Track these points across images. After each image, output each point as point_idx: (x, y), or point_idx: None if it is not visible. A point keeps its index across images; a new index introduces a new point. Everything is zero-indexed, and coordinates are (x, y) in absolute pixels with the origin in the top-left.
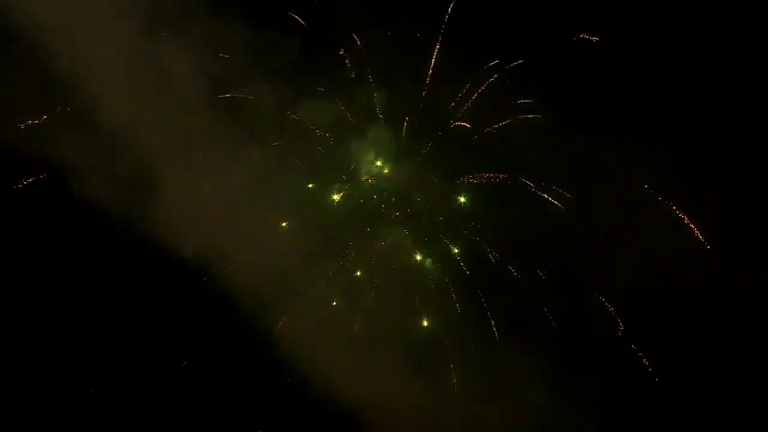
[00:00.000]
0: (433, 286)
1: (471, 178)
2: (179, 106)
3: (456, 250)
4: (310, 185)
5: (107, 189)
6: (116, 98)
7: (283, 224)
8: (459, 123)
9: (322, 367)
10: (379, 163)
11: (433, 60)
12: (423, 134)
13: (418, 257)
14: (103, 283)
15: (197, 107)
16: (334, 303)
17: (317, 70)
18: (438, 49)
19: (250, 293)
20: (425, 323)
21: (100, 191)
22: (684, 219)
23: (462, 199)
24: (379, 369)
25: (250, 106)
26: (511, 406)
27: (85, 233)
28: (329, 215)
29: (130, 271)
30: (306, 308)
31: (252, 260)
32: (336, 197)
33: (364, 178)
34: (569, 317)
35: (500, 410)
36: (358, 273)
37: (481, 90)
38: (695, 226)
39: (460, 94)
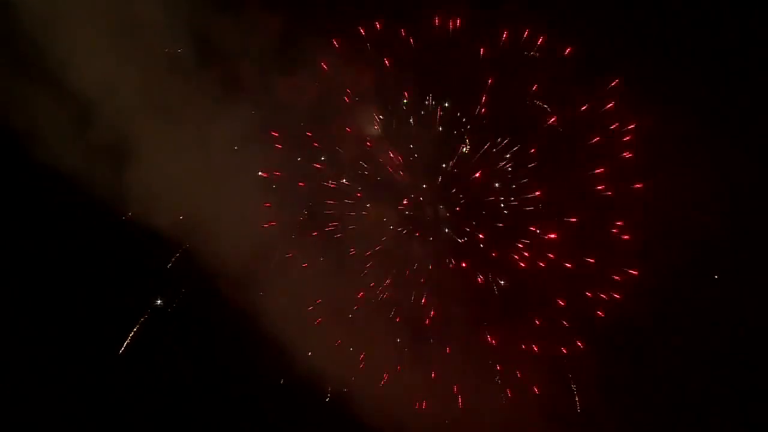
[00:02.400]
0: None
1: None
2: (156, 70)
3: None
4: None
5: (76, 156)
6: (87, 59)
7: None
8: None
9: (306, 345)
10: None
11: None
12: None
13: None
14: (73, 257)
15: (177, 71)
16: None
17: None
18: None
19: (231, 267)
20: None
21: (68, 158)
22: None
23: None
24: (368, 349)
25: (233, 69)
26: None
27: (51, 203)
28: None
29: (101, 243)
30: (289, 284)
31: (233, 233)
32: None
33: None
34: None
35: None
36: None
37: None
38: None
39: None
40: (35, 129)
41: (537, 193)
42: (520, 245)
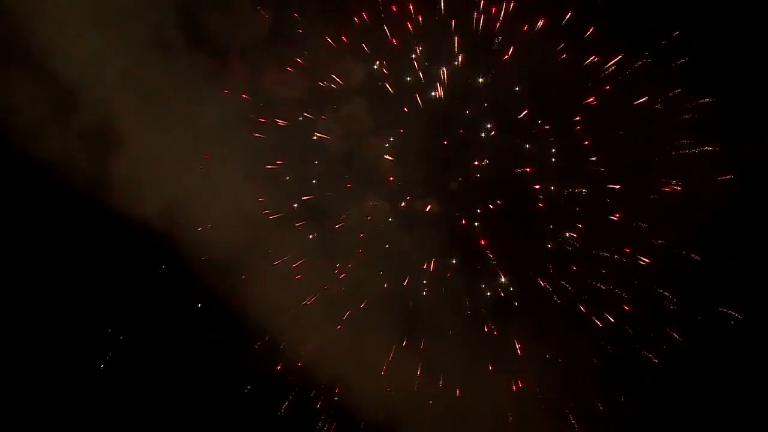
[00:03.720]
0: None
1: None
2: (140, 50)
3: None
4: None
5: (57, 142)
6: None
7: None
8: None
9: (296, 335)
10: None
11: None
12: None
13: None
14: (56, 248)
15: (163, 54)
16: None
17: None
18: None
19: (218, 254)
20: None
21: (48, 144)
22: None
23: None
24: (359, 338)
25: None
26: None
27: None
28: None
29: (85, 233)
30: (279, 272)
31: (220, 218)
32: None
33: None
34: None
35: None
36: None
37: None
38: None
39: None
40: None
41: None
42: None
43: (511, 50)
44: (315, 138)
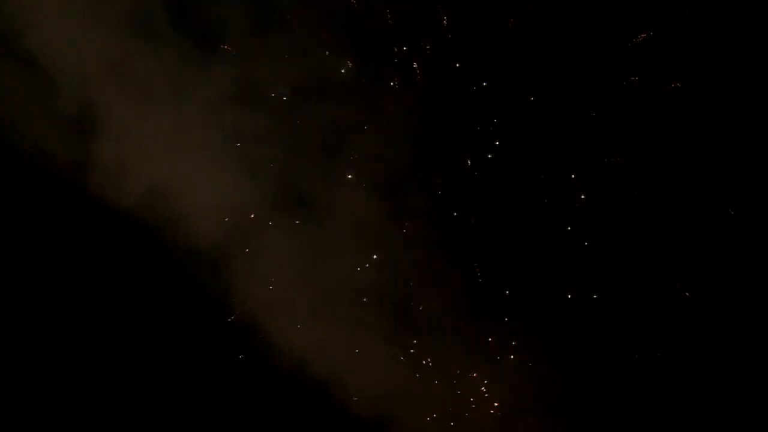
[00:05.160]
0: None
1: None
2: (120, 29)
3: None
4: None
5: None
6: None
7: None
8: None
9: (285, 332)
10: None
11: None
12: None
13: None
14: (33, 238)
15: (143, 33)
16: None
17: None
18: None
19: (203, 245)
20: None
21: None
22: None
23: None
24: (352, 334)
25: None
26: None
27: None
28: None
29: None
30: (268, 264)
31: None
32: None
33: None
34: None
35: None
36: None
37: None
38: None
39: None
40: None
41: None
42: None
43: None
44: (301, 126)
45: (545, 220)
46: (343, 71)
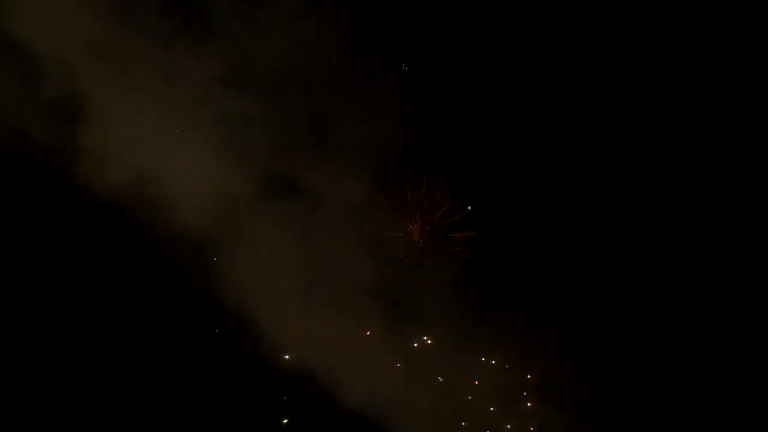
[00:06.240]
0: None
1: None
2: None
3: None
4: None
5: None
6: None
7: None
8: None
9: (274, 323)
10: None
11: None
12: None
13: None
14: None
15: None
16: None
17: None
18: None
19: (189, 232)
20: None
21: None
22: None
23: None
24: (344, 326)
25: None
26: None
27: None
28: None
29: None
30: (257, 254)
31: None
32: None
33: None
34: None
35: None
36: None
37: None
38: None
39: None
40: None
41: None
42: None
43: None
44: (294, 113)
45: (545, 220)
46: (334, 61)
